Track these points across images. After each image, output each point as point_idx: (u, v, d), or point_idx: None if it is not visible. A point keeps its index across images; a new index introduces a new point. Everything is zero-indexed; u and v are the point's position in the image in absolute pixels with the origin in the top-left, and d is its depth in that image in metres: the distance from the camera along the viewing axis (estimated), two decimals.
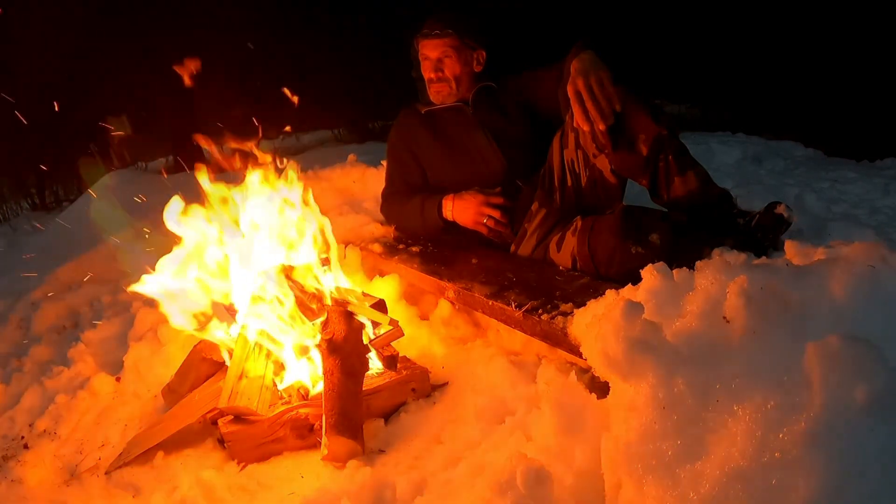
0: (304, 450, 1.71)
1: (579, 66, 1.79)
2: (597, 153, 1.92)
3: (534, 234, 2.11)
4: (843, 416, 0.87)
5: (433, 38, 2.29)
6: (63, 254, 3.59)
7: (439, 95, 2.35)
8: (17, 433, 2.09)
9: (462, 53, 2.30)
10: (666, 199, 1.87)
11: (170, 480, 1.66)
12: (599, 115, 1.75)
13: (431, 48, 2.30)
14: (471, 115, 2.33)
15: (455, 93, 2.33)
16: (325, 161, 3.49)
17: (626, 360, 1.07)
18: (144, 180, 4.54)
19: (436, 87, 2.34)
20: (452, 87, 2.32)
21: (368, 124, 8.51)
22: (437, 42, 2.29)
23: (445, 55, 2.29)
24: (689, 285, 1.22)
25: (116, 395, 2.17)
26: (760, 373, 0.99)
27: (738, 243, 1.68)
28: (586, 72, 1.77)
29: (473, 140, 2.31)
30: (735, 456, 0.92)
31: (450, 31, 2.27)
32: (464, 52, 2.30)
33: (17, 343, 2.87)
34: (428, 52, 2.31)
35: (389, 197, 2.52)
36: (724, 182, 2.03)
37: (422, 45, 2.33)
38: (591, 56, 1.81)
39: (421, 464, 1.54)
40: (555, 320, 1.58)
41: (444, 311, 2.22)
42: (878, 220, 2.85)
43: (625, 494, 1.02)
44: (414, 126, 2.42)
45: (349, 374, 1.70)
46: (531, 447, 1.28)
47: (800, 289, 1.09)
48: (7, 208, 7.02)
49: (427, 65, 2.33)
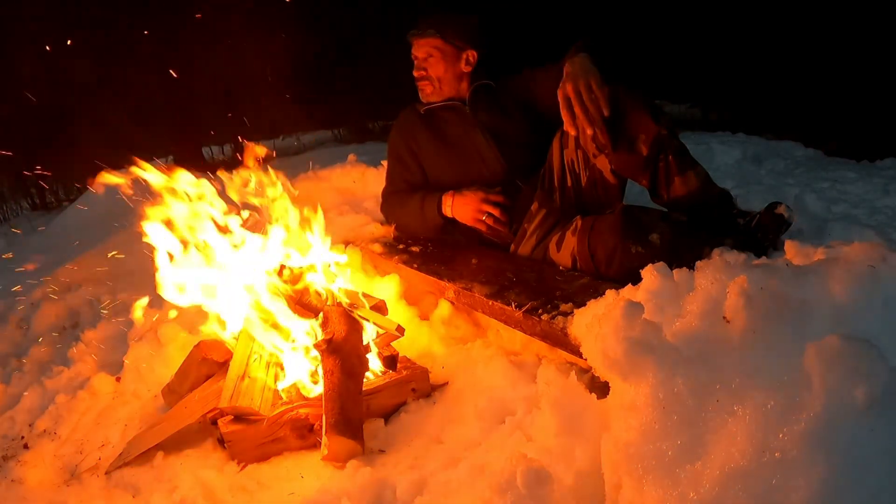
0: (304, 450, 1.71)
1: (569, 70, 1.82)
2: (597, 153, 1.93)
3: (533, 234, 2.11)
4: (843, 416, 0.87)
5: (417, 38, 2.34)
6: (63, 254, 3.59)
7: (423, 94, 2.39)
8: (17, 433, 2.09)
9: (446, 54, 2.31)
10: (666, 199, 1.87)
11: (170, 480, 1.66)
12: (586, 120, 1.78)
13: (417, 47, 2.35)
14: (469, 115, 2.34)
15: (439, 92, 2.36)
16: (325, 161, 3.49)
17: (626, 360, 1.07)
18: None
19: (420, 86, 2.39)
20: (436, 87, 2.35)
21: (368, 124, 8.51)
22: (422, 42, 2.33)
23: (429, 55, 2.32)
24: (689, 285, 1.22)
25: (116, 395, 2.17)
26: (760, 373, 0.99)
27: (738, 243, 1.68)
28: (575, 76, 1.79)
29: (472, 140, 2.31)
30: (735, 456, 0.92)
31: (432, 31, 2.30)
32: (449, 52, 2.32)
33: (17, 343, 2.87)
34: (414, 51, 2.37)
35: (389, 196, 2.53)
36: (724, 182, 2.04)
37: (412, 45, 2.37)
38: (582, 60, 1.83)
39: (421, 464, 1.54)
40: (555, 320, 1.58)
41: (444, 311, 2.22)
42: (878, 220, 2.84)
43: (625, 494, 1.02)
44: (414, 125, 2.42)
45: (349, 374, 1.70)
46: (531, 447, 1.28)
47: (800, 289, 1.09)
48: (7, 208, 7.02)
49: (415, 63, 2.38)
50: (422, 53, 2.34)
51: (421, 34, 2.32)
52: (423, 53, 2.33)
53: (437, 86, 2.35)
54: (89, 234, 3.66)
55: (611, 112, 1.79)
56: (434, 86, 2.35)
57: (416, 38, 2.34)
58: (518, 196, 2.20)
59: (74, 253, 3.51)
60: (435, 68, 2.33)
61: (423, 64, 2.34)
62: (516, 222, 2.18)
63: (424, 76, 2.35)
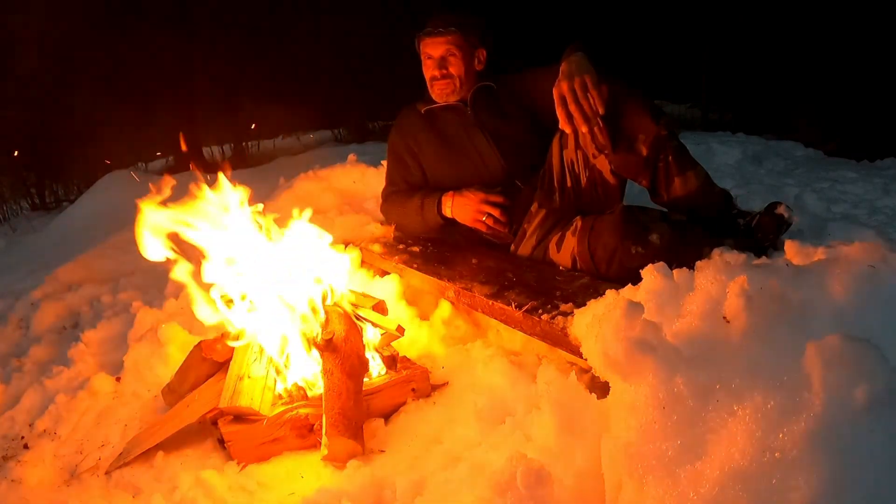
0: (304, 450, 1.71)
1: (565, 69, 1.81)
2: (596, 154, 1.92)
3: (533, 235, 2.11)
4: (843, 416, 0.87)
5: (436, 36, 2.28)
6: (63, 254, 3.59)
7: (443, 94, 2.34)
8: (17, 433, 2.09)
9: (465, 52, 2.29)
10: (666, 199, 1.87)
11: (170, 480, 1.66)
12: (581, 118, 1.77)
13: (434, 46, 2.29)
14: (469, 115, 2.33)
15: (458, 91, 2.33)
16: (325, 161, 3.49)
17: (626, 361, 1.07)
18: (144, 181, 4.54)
19: (439, 85, 2.32)
20: (456, 85, 2.31)
21: (368, 124, 8.52)
22: (441, 40, 2.28)
23: (450, 53, 2.28)
24: (689, 285, 1.22)
25: (116, 395, 2.17)
26: (760, 373, 0.99)
27: (738, 243, 1.68)
28: (571, 74, 1.78)
29: (472, 140, 2.31)
30: (735, 456, 0.92)
31: (453, 29, 2.26)
32: (467, 50, 2.29)
33: (17, 343, 2.87)
34: (431, 50, 2.30)
35: (389, 196, 2.52)
36: (724, 182, 2.04)
37: (424, 44, 2.31)
38: (578, 59, 1.82)
39: (421, 464, 1.54)
40: (555, 320, 1.58)
41: (444, 311, 2.22)
42: (878, 220, 2.85)
43: (625, 495, 1.02)
44: (414, 126, 2.42)
45: (349, 374, 1.70)
46: (531, 447, 1.28)
47: (800, 289, 1.09)
48: (7, 208, 7.02)
49: (430, 63, 2.32)
50: (440, 52, 2.28)
51: (442, 31, 2.26)
52: (442, 52, 2.28)
53: (457, 85, 2.31)
54: (89, 234, 3.66)
55: (610, 112, 1.79)
56: (454, 85, 2.30)
57: (435, 36, 2.28)
58: (518, 196, 2.20)
59: (74, 253, 3.51)
60: (457, 66, 2.28)
61: (445, 63, 2.29)
62: (516, 223, 2.18)
63: (446, 74, 2.29)
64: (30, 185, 7.32)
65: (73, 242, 3.72)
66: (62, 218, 4.59)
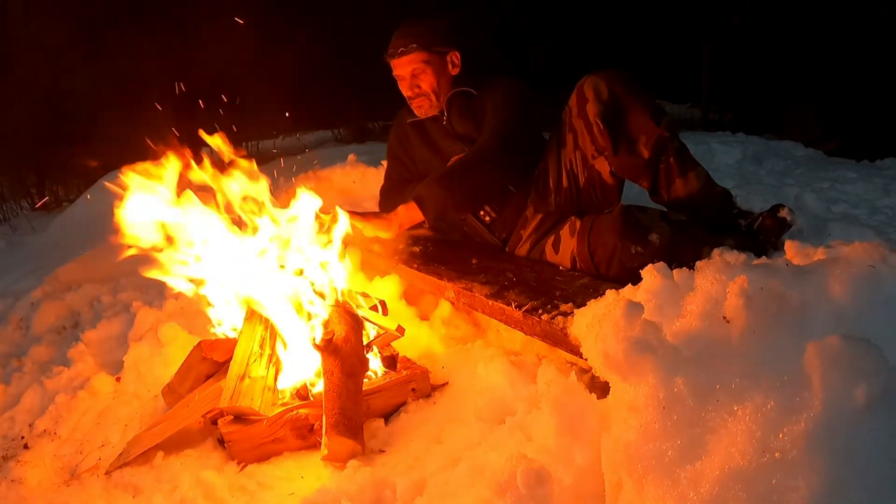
0: (304, 450, 1.71)
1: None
2: (596, 155, 1.92)
3: (528, 239, 2.10)
4: (843, 416, 0.87)
5: (398, 57, 2.21)
6: (63, 254, 3.59)
7: (420, 110, 2.30)
8: (17, 433, 2.09)
9: (434, 64, 2.21)
10: (666, 199, 1.87)
11: (170, 480, 1.66)
12: None
13: (400, 67, 2.23)
14: (446, 125, 2.30)
15: (436, 104, 2.27)
16: (325, 161, 3.50)
17: (626, 361, 1.07)
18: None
19: (416, 104, 2.28)
20: (433, 100, 2.26)
21: (368, 124, 8.52)
22: (404, 60, 2.20)
23: (419, 71, 2.21)
24: (689, 285, 1.22)
25: (116, 395, 2.17)
26: (760, 373, 0.98)
27: (739, 243, 1.68)
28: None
29: (452, 148, 2.29)
30: (735, 456, 0.92)
31: (414, 46, 2.18)
32: (435, 61, 2.21)
33: (17, 343, 2.87)
34: (399, 71, 2.24)
35: (385, 193, 2.54)
36: (724, 182, 2.03)
37: (392, 66, 2.25)
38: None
39: (421, 464, 1.54)
40: (555, 320, 1.58)
41: (444, 311, 2.22)
42: (878, 220, 2.85)
43: (625, 495, 1.02)
44: (406, 129, 2.43)
45: (349, 374, 1.70)
46: (531, 447, 1.28)
47: (800, 289, 1.08)
48: (7, 208, 7.02)
49: (402, 84, 2.27)
50: (407, 72, 2.22)
51: (404, 51, 2.19)
52: (410, 71, 2.21)
53: (434, 99, 2.25)
54: (89, 234, 3.66)
55: (611, 113, 1.79)
56: (431, 100, 2.25)
57: (397, 57, 2.21)
58: (509, 200, 2.17)
59: (74, 253, 3.51)
60: (427, 81, 2.22)
61: (415, 81, 2.22)
62: (509, 227, 2.17)
63: (419, 93, 2.24)
64: (30, 185, 7.32)
65: (73, 242, 3.71)
66: (62, 218, 4.59)
